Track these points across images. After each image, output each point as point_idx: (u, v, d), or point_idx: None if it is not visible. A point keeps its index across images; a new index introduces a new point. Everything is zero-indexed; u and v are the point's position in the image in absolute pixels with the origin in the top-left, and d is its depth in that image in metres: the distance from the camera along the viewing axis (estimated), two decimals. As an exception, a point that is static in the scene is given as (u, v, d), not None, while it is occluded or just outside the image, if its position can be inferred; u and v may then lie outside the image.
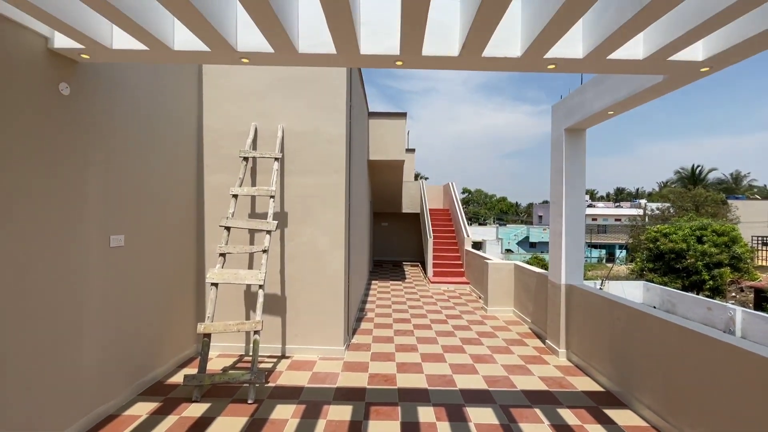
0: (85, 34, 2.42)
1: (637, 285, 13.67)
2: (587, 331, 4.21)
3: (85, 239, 2.90)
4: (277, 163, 4.36)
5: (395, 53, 2.57)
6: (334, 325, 4.55)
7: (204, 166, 4.57)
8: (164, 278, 3.90)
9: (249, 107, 4.56)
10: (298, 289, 4.55)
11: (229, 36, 2.49)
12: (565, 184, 4.56)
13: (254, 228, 4.06)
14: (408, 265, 13.21)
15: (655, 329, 3.16)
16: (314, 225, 4.56)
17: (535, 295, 5.76)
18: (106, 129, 3.11)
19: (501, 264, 6.83)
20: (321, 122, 4.56)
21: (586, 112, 4.09)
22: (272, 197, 4.19)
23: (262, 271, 3.81)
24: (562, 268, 4.60)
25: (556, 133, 4.79)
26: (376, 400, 3.47)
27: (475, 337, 5.39)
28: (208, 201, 4.57)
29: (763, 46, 2.34)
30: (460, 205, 11.56)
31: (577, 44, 2.56)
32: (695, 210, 24.11)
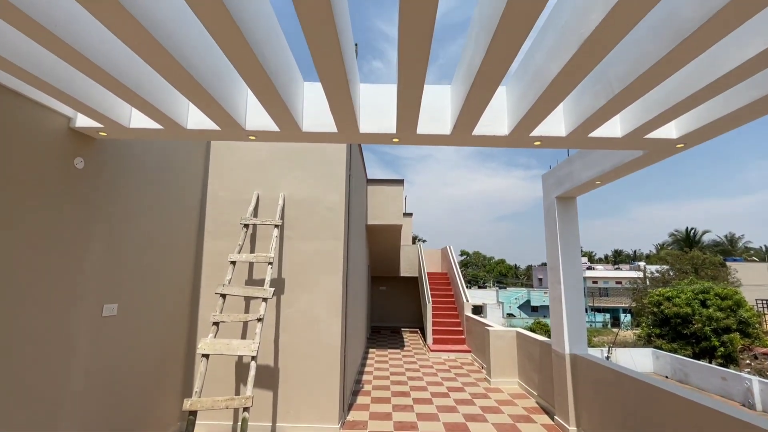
0: (106, 115, 2.62)
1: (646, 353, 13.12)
2: (597, 407, 3.97)
3: (78, 307, 2.86)
4: (277, 230, 4.44)
5: (392, 132, 2.77)
6: (328, 400, 4.29)
7: (205, 232, 4.63)
8: (154, 349, 3.76)
9: (252, 176, 4.76)
10: (291, 359, 4.36)
11: (239, 117, 2.69)
12: (561, 250, 4.62)
13: (250, 295, 4.01)
14: (407, 331, 12.75)
15: (669, 405, 3.00)
16: (311, 292, 4.50)
17: (539, 366, 5.51)
18: (112, 201, 3.22)
19: (502, 331, 6.63)
20: (321, 190, 4.73)
21: (574, 182, 4.28)
22: (270, 264, 4.19)
23: (255, 342, 3.69)
24: (565, 336, 4.47)
25: (548, 201, 4.96)
26: (374, 489, 3.16)
27: (479, 413, 5.05)
28: (206, 267, 4.56)
29: (732, 125, 2.55)
30: (458, 269, 11.50)
31: (560, 124, 2.78)
32: (695, 273, 23.98)
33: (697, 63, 2.06)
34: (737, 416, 2.44)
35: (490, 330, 6.67)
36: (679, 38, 1.72)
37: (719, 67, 1.97)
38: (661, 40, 1.81)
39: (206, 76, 2.21)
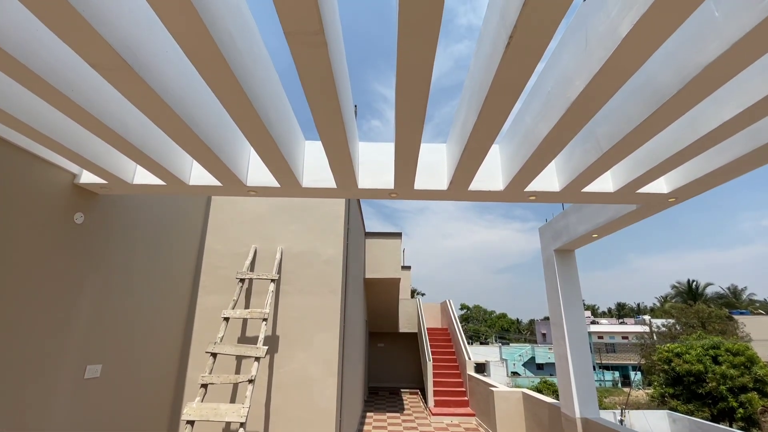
0: (111, 172, 2.68)
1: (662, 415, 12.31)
2: (615, 480, 3.65)
3: (60, 368, 2.71)
4: (273, 285, 4.36)
5: (390, 187, 2.84)
6: (322, 473, 3.93)
7: (199, 286, 4.54)
8: (136, 413, 3.51)
9: (250, 230, 4.77)
10: (283, 425, 4.06)
11: (241, 173, 2.76)
12: (563, 305, 4.52)
13: (242, 354, 3.83)
14: (407, 392, 12.03)
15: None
16: (306, 350, 4.32)
17: (549, 431, 5.14)
18: (109, 255, 3.19)
19: (508, 393, 6.27)
20: (319, 244, 4.72)
21: (571, 235, 4.30)
22: (265, 320, 4.06)
23: (245, 406, 3.46)
24: (574, 397, 4.23)
25: (546, 254, 4.95)
26: None
27: (487, 487, 4.61)
28: (198, 323, 4.40)
29: (719, 180, 2.62)
30: (459, 325, 11.14)
31: (553, 179, 2.86)
32: (702, 327, 23.30)
33: (679, 123, 2.18)
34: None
35: (494, 391, 6.31)
36: (658, 102, 1.83)
37: (699, 127, 2.08)
38: (642, 103, 1.93)
39: (211, 135, 2.30)
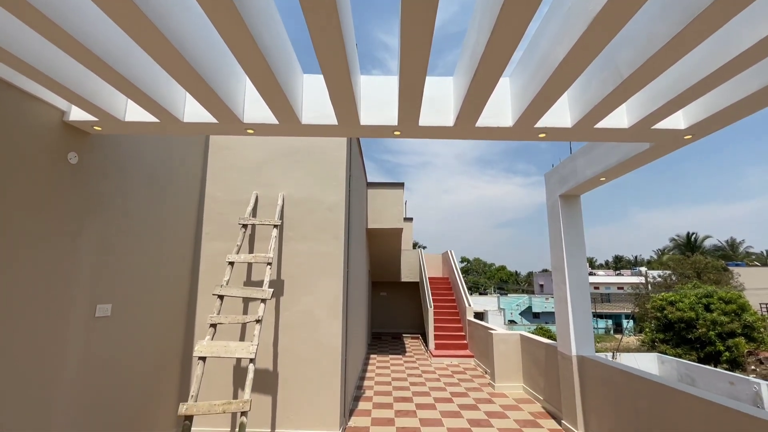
0: (100, 107, 2.56)
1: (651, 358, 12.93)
2: (607, 410, 3.85)
3: (70, 307, 2.77)
4: (276, 230, 4.35)
5: (393, 123, 2.71)
6: (329, 405, 4.17)
7: (203, 233, 4.55)
8: (150, 352, 3.65)
9: (251, 176, 4.69)
10: (291, 363, 4.25)
11: (237, 109, 2.63)
12: (566, 249, 4.53)
13: (249, 296, 3.91)
14: (408, 337, 12.59)
15: (683, 406, 2.89)
16: (311, 293, 4.41)
17: (545, 370, 5.39)
18: (107, 197, 3.14)
19: (506, 335, 6.51)
20: (321, 191, 4.65)
21: (578, 179, 4.21)
22: (269, 264, 4.10)
23: (254, 344, 3.58)
24: (572, 337, 4.37)
25: (551, 200, 4.89)
26: (376, 496, 3.03)
27: (484, 417, 4.92)
28: (204, 269, 4.46)
29: (741, 114, 2.48)
30: (459, 274, 11.38)
31: (565, 114, 2.72)
32: (697, 277, 23.83)
33: (708, 45, 2.01)
34: (754, 414, 2.34)
35: (493, 333, 6.54)
36: (691, 16, 1.67)
37: (730, 49, 1.91)
38: (672, 19, 1.75)
39: (204, 66, 2.15)
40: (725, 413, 2.52)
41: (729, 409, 2.50)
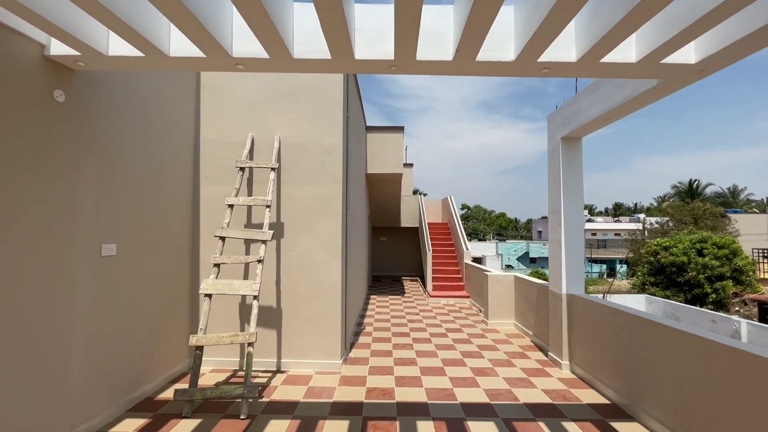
0: (81, 41, 2.43)
1: (639, 299, 13.50)
2: (591, 342, 4.10)
3: (74, 247, 2.85)
4: (274, 173, 4.34)
5: (389, 58, 2.58)
6: (330, 338, 4.44)
7: (201, 176, 4.55)
8: (157, 290, 3.82)
9: (246, 118, 4.58)
10: (293, 301, 4.46)
11: (225, 42, 2.50)
12: (563, 193, 4.54)
13: (249, 238, 4.00)
14: (407, 279, 13.07)
15: (661, 337, 3.08)
16: (311, 236, 4.50)
17: (536, 307, 5.66)
18: (100, 137, 3.09)
19: (501, 276, 6.75)
20: (317, 133, 4.57)
21: (581, 119, 4.10)
22: (268, 207, 4.15)
23: (257, 282, 3.74)
24: (563, 277, 4.53)
25: (552, 143, 4.80)
26: (374, 414, 3.34)
27: (476, 350, 5.26)
28: (204, 212, 4.52)
29: (755, 47, 2.35)
30: (458, 219, 11.53)
31: (570, 48, 2.58)
32: (694, 223, 24.11)
33: (729, -35, 1.85)
34: (725, 342, 2.50)
35: (488, 275, 6.78)
36: (714, -72, 1.52)
37: (754, -31, 1.76)
38: (693, -68, 1.60)
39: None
40: (696, 341, 2.68)
41: (700, 337, 2.66)
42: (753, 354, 2.29)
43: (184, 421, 3.19)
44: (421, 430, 3.07)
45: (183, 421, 3.18)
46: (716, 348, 2.55)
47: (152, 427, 3.09)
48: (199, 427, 3.10)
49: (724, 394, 2.46)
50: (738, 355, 2.39)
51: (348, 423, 3.19)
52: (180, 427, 3.10)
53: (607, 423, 3.22)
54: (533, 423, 3.21)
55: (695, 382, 2.70)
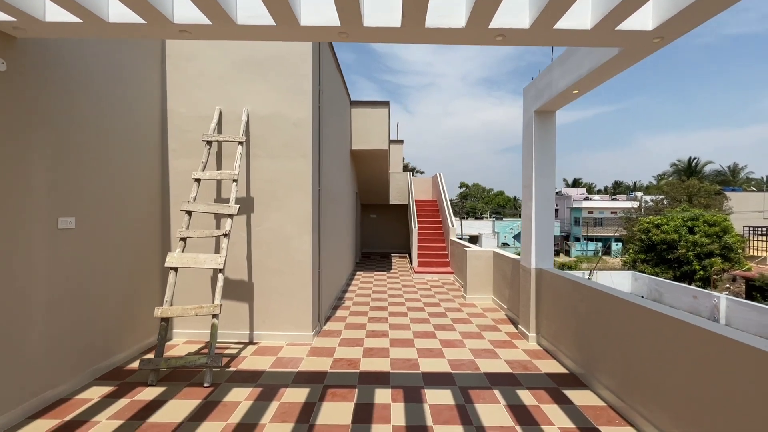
0: (16, 6, 2.35)
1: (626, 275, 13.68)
2: (555, 315, 4.17)
3: (28, 220, 2.84)
4: (242, 147, 4.30)
5: (336, 25, 2.50)
6: (302, 311, 4.51)
7: (169, 150, 4.50)
8: (125, 264, 3.85)
9: (213, 90, 4.49)
10: (265, 275, 4.50)
11: (165, 8, 2.41)
12: (535, 168, 4.51)
13: (215, 212, 4.00)
14: (396, 256, 13.18)
15: (614, 309, 3.12)
16: (281, 210, 4.50)
17: (511, 282, 5.72)
18: (50, 108, 3.03)
19: (480, 252, 6.79)
20: (286, 105, 4.48)
21: (552, 92, 4.02)
22: (235, 181, 4.13)
23: (222, 255, 3.76)
24: (533, 252, 4.56)
25: (526, 117, 4.73)
26: (335, 383, 3.44)
27: (449, 323, 5.36)
28: (174, 186, 4.50)
29: (713, 10, 2.27)
30: (446, 196, 11.50)
31: (523, 13, 2.49)
32: (688, 201, 24.10)
33: None
34: (677, 317, 2.53)
35: (468, 251, 6.83)
36: None
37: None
38: None
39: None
40: (647, 314, 2.72)
41: (646, 308, 2.70)
42: (690, 324, 2.33)
43: (149, 388, 3.28)
44: (377, 398, 3.16)
45: (148, 389, 3.27)
46: (659, 319, 2.59)
47: (117, 394, 3.18)
48: (163, 394, 3.19)
49: (669, 363, 2.52)
50: (681, 327, 2.42)
51: (308, 391, 3.28)
52: (144, 394, 3.19)
53: (560, 391, 3.32)
54: (488, 391, 3.31)
55: (640, 351, 2.76)
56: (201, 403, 3.05)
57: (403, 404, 3.06)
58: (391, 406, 3.03)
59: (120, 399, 3.09)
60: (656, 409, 2.57)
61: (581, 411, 2.98)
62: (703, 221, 17.02)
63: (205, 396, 3.16)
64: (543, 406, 3.05)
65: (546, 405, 3.07)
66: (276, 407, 2.99)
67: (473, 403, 3.09)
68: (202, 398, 3.12)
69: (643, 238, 18.25)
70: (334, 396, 3.19)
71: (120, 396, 3.15)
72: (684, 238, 16.77)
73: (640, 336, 2.78)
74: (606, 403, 3.09)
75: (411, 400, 3.13)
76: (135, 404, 3.02)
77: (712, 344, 2.16)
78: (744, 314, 8.94)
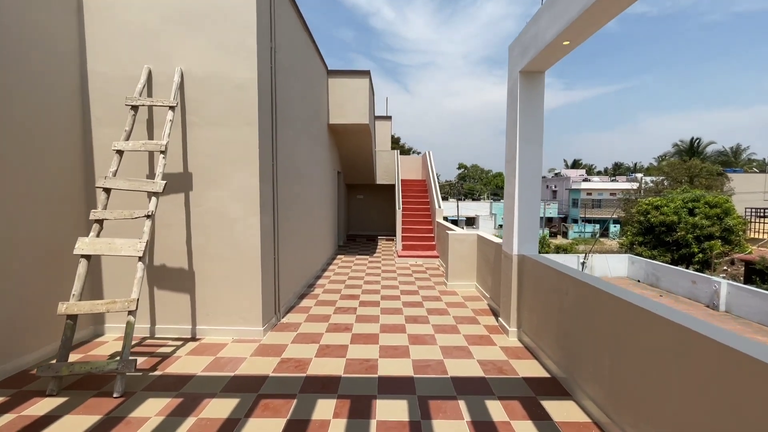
0: None
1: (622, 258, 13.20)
2: (537, 308, 3.63)
3: None
4: (172, 113, 3.65)
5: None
6: (250, 303, 3.96)
7: (92, 118, 3.85)
8: (30, 251, 3.26)
9: (142, 46, 3.80)
10: (207, 262, 3.93)
11: None
12: (519, 137, 3.88)
13: (136, 189, 3.39)
14: (383, 239, 12.63)
15: (603, 306, 2.56)
16: (223, 188, 3.89)
17: (493, 269, 5.18)
18: None
19: (463, 235, 6.22)
20: (227, 64, 3.81)
21: (539, 44, 3.35)
22: (163, 153, 3.50)
23: (142, 241, 3.18)
24: (515, 236, 3.98)
25: (511, 79, 4.06)
26: (273, 391, 2.91)
27: (423, 315, 4.83)
28: (100, 160, 3.87)
29: None
30: (434, 176, 10.85)
31: None
32: (690, 182, 23.46)
33: None
34: (681, 322, 1.97)
35: (450, 233, 6.26)
36: None
37: None
38: None
39: None
40: (642, 315, 2.16)
41: (646, 311, 2.14)
42: (706, 336, 1.76)
43: (47, 399, 2.75)
44: (318, 411, 2.64)
45: (45, 400, 2.74)
46: (657, 322, 2.02)
47: (5, 407, 2.65)
48: (60, 407, 2.66)
49: (669, 379, 1.97)
50: (687, 336, 1.86)
51: (237, 402, 2.75)
52: (38, 407, 2.66)
53: (537, 402, 2.80)
54: (452, 401, 2.78)
55: (634, 359, 2.21)
56: (100, 420, 2.52)
57: (346, 420, 2.54)
58: (330, 423, 2.51)
59: (5, 414, 2.56)
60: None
61: (560, 430, 2.46)
62: (704, 203, 16.45)
63: (110, 410, 2.63)
64: (515, 422, 2.53)
65: (518, 421, 2.54)
66: (190, 426, 2.46)
67: (431, 418, 2.57)
68: (104, 413, 2.59)
69: (641, 220, 17.72)
70: (265, 409, 2.66)
71: (8, 409, 2.61)
72: (684, 220, 16.24)
73: (633, 340, 2.23)
74: (590, 419, 2.57)
75: (357, 414, 2.61)
76: (20, 420, 2.49)
77: (727, 361, 1.60)
78: (745, 300, 8.47)
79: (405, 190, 11.60)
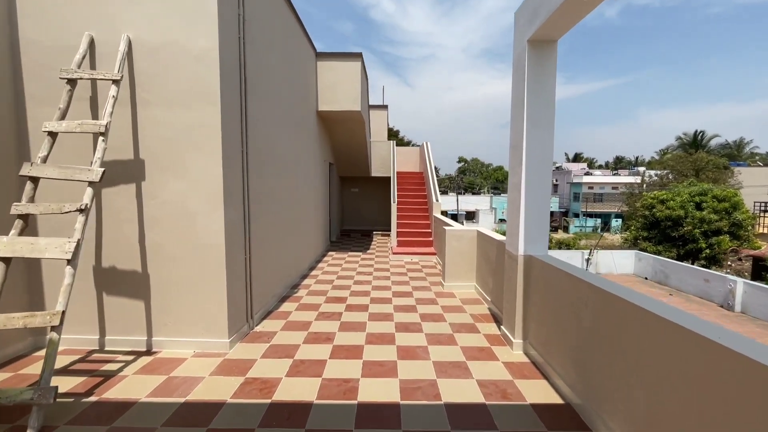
0: None
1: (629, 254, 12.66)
2: (547, 317, 3.09)
3: None
4: (116, 88, 3.08)
5: None
6: (215, 310, 3.43)
7: (26, 95, 3.28)
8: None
9: (82, 9, 3.22)
10: (164, 263, 3.39)
11: None
12: (527, 119, 3.31)
13: (69, 178, 2.83)
14: (379, 234, 12.09)
15: (637, 324, 2.02)
16: (183, 178, 3.33)
17: (495, 269, 4.64)
18: None
19: (462, 231, 5.67)
20: (184, 31, 3.23)
21: (551, 5, 2.77)
22: (102, 135, 2.94)
23: (72, 240, 2.63)
24: (521, 233, 3.43)
25: (518, 50, 3.48)
26: (225, 425, 2.38)
27: (416, 321, 4.30)
28: (35, 142, 3.31)
29: None
30: (432, 168, 10.28)
31: None
32: (695, 175, 22.87)
33: None
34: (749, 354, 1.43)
35: (447, 229, 5.71)
36: None
37: None
38: None
39: None
40: (695, 341, 1.62)
41: (697, 335, 1.60)
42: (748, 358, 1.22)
43: (-55, 437, 2.23)
44: (277, 454, 2.11)
45: (-59, 439, 2.22)
46: (721, 353, 1.48)
47: None
48: (-44, 449, 2.13)
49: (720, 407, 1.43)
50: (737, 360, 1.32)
51: (179, 440, 2.22)
52: (-72, 448, 2.13)
53: (550, 439, 2.27)
54: (445, 440, 2.26)
55: (681, 400, 1.67)
56: (-2, 468, 1.99)
57: (310, 468, 2.01)
58: (289, 472, 1.98)
59: None
60: (710, 507, 1.51)
61: (581, 483, 1.93)
62: (711, 197, 15.88)
63: (16, 453, 2.10)
64: (522, 472, 2.00)
65: (527, 469, 2.02)
66: (110, 477, 1.93)
67: (417, 465, 2.04)
68: (7, 458, 2.07)
69: (646, 214, 17.17)
70: (212, 451, 2.13)
71: None
72: (690, 215, 15.69)
73: (680, 373, 1.69)
74: (618, 465, 2.05)
75: (325, 458, 2.08)
76: None
77: None
78: (763, 300, 7.95)
79: (401, 183, 11.04)
